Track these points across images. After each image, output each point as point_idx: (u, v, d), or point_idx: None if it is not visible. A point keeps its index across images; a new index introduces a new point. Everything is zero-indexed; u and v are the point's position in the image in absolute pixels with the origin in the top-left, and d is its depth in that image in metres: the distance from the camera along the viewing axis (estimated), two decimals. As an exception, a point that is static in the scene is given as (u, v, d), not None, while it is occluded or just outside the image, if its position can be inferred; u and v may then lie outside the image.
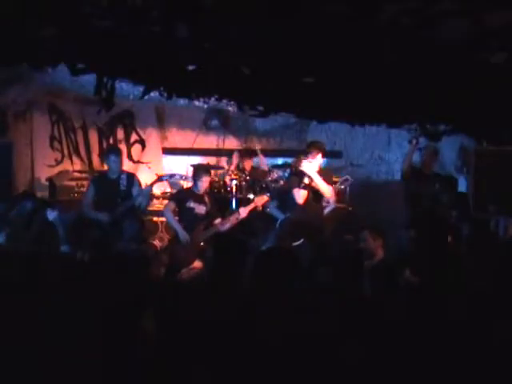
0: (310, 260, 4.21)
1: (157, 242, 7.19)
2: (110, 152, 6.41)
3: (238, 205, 7.20)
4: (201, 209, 6.17)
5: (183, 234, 6.01)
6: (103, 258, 3.88)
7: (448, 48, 3.80)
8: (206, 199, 6.25)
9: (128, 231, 5.91)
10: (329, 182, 5.90)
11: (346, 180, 7.51)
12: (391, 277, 4.29)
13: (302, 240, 5.70)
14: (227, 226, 6.09)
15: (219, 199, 7.14)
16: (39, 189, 7.63)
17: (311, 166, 5.71)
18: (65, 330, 2.69)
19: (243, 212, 6.11)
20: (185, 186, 7.58)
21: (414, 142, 6.42)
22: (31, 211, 5.36)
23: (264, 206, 6.41)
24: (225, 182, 7.84)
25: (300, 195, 5.81)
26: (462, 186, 7.22)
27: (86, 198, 6.23)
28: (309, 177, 5.72)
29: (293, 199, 5.86)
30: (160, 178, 6.58)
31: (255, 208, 6.30)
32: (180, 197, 6.35)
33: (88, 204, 6.15)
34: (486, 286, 3.52)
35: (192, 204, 6.16)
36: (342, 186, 7.45)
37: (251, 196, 7.40)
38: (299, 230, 5.77)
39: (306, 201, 5.82)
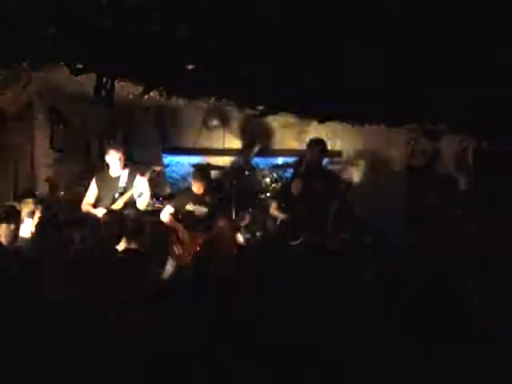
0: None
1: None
2: (109, 148, 6.41)
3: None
4: (201, 210, 6.15)
5: (184, 233, 6.01)
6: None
7: (448, 47, 3.80)
8: (207, 199, 6.22)
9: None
10: (333, 183, 5.93)
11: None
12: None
13: (300, 239, 5.71)
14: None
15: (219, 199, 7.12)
16: (39, 189, 7.62)
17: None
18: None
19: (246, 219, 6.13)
20: (184, 187, 7.57)
21: (413, 142, 6.43)
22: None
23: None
24: (224, 182, 7.83)
25: (295, 186, 5.83)
26: (463, 186, 7.22)
27: (86, 196, 6.25)
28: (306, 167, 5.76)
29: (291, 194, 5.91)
30: (153, 170, 6.53)
31: None
32: (179, 199, 6.33)
33: (86, 202, 6.16)
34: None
35: (192, 207, 6.14)
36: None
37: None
38: (298, 229, 5.77)
39: (304, 197, 5.83)
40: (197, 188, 6.15)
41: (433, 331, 2.95)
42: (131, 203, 6.15)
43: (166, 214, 6.21)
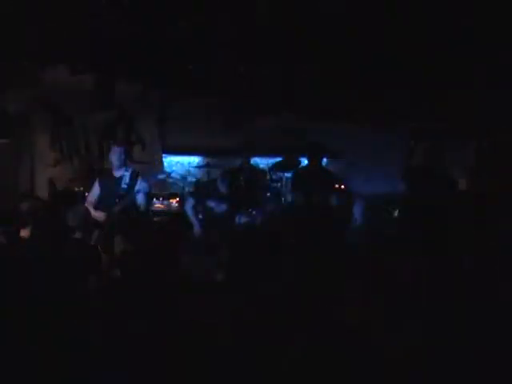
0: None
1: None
2: (113, 147, 6.42)
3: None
4: (221, 208, 6.21)
5: (197, 229, 6.10)
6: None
7: (447, 48, 3.80)
8: (229, 198, 6.31)
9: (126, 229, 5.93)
10: (330, 183, 5.97)
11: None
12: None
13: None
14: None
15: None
16: (39, 189, 7.63)
17: None
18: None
19: None
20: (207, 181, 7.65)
21: (412, 143, 6.42)
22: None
23: None
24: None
25: (299, 199, 5.92)
26: (463, 186, 7.22)
27: (89, 196, 6.26)
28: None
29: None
30: (156, 177, 6.56)
31: None
32: (201, 194, 6.42)
33: (90, 202, 6.17)
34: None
35: (212, 203, 6.21)
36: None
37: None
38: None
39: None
40: (223, 188, 6.27)
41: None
42: (132, 205, 6.16)
43: (189, 206, 6.31)
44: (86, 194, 6.51)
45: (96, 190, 6.25)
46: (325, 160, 7.08)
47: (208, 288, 3.95)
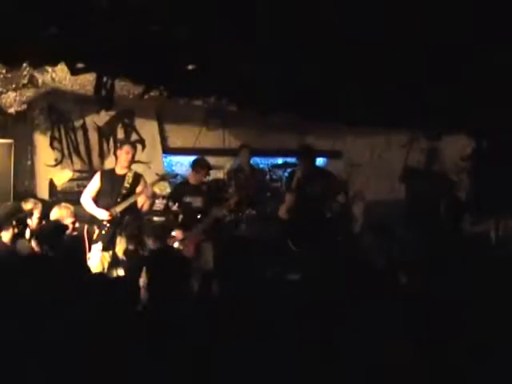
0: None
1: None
2: (124, 145, 6.49)
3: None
4: (197, 201, 6.31)
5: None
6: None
7: (448, 48, 3.80)
8: (203, 189, 6.40)
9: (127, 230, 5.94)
10: (332, 183, 5.98)
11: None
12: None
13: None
14: None
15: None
16: (39, 189, 7.63)
17: None
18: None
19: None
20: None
21: (411, 142, 6.42)
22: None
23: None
24: (224, 181, 7.84)
25: (287, 198, 5.97)
26: (462, 187, 7.22)
27: (87, 189, 6.25)
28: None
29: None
30: (162, 178, 6.61)
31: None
32: (175, 192, 6.50)
33: (88, 195, 6.16)
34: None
35: (188, 198, 6.29)
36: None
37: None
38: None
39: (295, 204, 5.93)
40: (193, 179, 6.31)
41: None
42: (132, 206, 6.18)
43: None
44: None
45: (96, 183, 6.25)
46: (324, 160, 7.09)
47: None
